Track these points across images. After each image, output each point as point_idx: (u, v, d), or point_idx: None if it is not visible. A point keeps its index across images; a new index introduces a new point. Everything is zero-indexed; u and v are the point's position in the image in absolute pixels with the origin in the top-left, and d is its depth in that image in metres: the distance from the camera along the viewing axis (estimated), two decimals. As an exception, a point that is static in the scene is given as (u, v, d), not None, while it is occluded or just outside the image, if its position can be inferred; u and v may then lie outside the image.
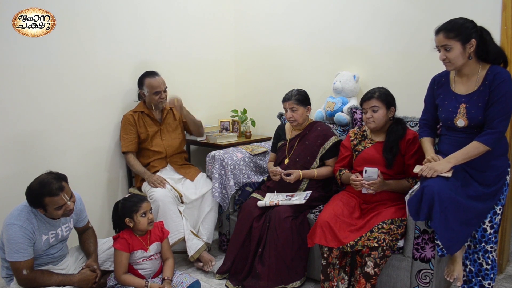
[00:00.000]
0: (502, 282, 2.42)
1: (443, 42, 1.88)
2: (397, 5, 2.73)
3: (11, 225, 1.92)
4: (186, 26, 3.33)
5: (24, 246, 1.92)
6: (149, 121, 2.86)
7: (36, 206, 1.95)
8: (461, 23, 1.85)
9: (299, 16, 3.24)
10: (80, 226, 2.26)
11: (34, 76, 2.51)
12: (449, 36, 1.85)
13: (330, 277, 2.14)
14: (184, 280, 2.21)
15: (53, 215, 1.98)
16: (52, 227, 2.05)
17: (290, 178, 2.47)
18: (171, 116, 2.97)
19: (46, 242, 2.03)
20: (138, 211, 2.13)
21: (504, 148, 1.95)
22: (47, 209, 1.95)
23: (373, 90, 2.28)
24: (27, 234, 1.93)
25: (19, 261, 1.92)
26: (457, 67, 1.92)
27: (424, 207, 1.80)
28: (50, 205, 1.93)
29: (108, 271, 2.26)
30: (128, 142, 2.80)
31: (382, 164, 2.25)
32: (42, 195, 1.91)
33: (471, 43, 1.84)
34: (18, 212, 1.96)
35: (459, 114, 1.93)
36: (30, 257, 1.95)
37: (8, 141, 2.44)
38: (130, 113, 2.84)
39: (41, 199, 1.91)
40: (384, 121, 2.26)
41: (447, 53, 1.88)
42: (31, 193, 1.94)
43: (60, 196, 1.93)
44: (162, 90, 2.82)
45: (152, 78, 2.81)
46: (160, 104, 2.84)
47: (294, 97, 2.54)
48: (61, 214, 1.98)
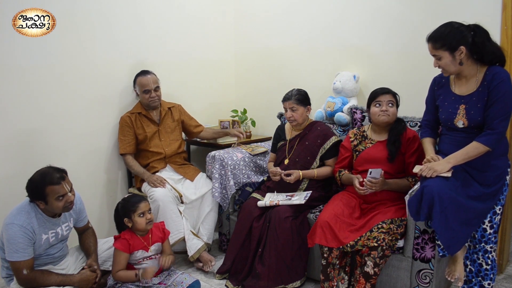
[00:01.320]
0: (502, 282, 2.42)
1: (432, 52, 1.90)
2: (397, 5, 2.73)
3: (11, 224, 1.92)
4: (186, 26, 3.33)
5: (24, 246, 1.92)
6: (146, 121, 2.85)
7: (36, 198, 1.94)
8: (446, 32, 1.84)
9: (299, 16, 3.24)
10: (80, 226, 2.26)
11: (34, 76, 2.51)
12: (436, 46, 1.86)
13: (330, 277, 2.14)
14: (184, 280, 2.21)
15: (53, 207, 1.96)
16: (52, 225, 2.05)
17: (290, 179, 2.47)
18: (170, 117, 2.96)
19: (46, 241, 2.03)
20: (136, 211, 2.13)
21: (504, 148, 1.95)
22: (48, 200, 1.94)
23: (387, 88, 2.30)
24: (27, 233, 1.92)
25: (19, 261, 1.92)
26: (451, 73, 1.93)
27: (424, 207, 1.80)
28: (51, 194, 1.92)
29: (108, 271, 2.26)
30: (125, 144, 2.80)
31: (384, 163, 2.25)
32: (44, 184, 1.91)
33: (460, 50, 1.83)
34: (18, 212, 1.96)
35: (458, 115, 1.93)
36: (30, 257, 1.94)
37: (8, 141, 2.44)
38: (127, 114, 2.84)
39: (43, 189, 1.91)
40: (395, 116, 2.30)
41: (438, 61, 1.90)
42: (32, 184, 1.94)
43: (61, 185, 1.94)
44: (152, 88, 2.78)
45: (142, 77, 2.80)
46: (152, 103, 2.81)
47: (294, 96, 2.54)
48: (62, 207, 1.97)
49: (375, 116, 2.29)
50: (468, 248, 2.04)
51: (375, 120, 2.31)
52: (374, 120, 2.32)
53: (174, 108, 3.00)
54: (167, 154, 2.87)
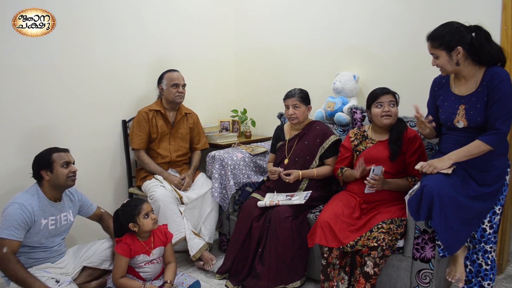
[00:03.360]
0: (502, 282, 2.42)
1: (430, 50, 1.91)
2: (397, 5, 2.73)
3: (12, 203, 1.99)
4: (186, 26, 3.33)
5: (17, 225, 1.94)
6: (161, 121, 2.84)
7: (43, 167, 2.07)
8: (445, 32, 1.85)
9: (299, 16, 3.24)
10: (90, 213, 2.34)
11: (34, 76, 2.51)
12: (434, 45, 1.88)
13: (330, 277, 2.14)
14: (185, 281, 2.22)
15: (58, 174, 2.07)
16: (53, 210, 2.09)
17: (290, 178, 2.47)
18: (184, 122, 2.94)
19: (45, 228, 2.05)
20: (140, 213, 2.13)
21: (504, 148, 1.94)
22: (53, 167, 2.06)
23: (386, 88, 2.31)
24: (25, 213, 1.97)
25: (5, 238, 1.93)
26: (449, 72, 1.94)
27: (424, 207, 1.80)
28: (57, 160, 2.08)
29: (108, 271, 2.26)
30: (140, 139, 2.78)
31: (384, 163, 2.25)
32: (51, 152, 2.11)
33: (457, 51, 1.83)
34: (22, 194, 2.05)
35: (458, 115, 1.94)
36: (17, 239, 1.95)
37: (7, 141, 2.44)
38: (145, 110, 2.82)
39: (49, 156, 2.09)
40: (397, 116, 2.31)
41: (436, 60, 1.91)
42: (39, 155, 2.11)
43: (66, 153, 2.15)
44: (181, 84, 2.83)
45: (172, 72, 2.86)
46: (177, 99, 2.82)
47: (297, 94, 2.56)
48: (66, 175, 2.08)
49: (377, 117, 2.29)
50: (468, 249, 2.04)
51: (378, 122, 2.30)
52: (377, 122, 2.31)
53: (191, 115, 2.99)
54: (173, 159, 2.86)
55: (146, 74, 3.04)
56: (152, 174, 2.78)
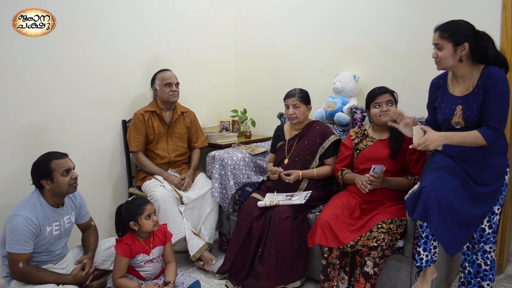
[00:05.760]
0: (502, 282, 2.42)
1: (436, 40, 1.89)
2: (397, 6, 2.73)
3: (16, 216, 1.95)
4: (186, 26, 3.33)
5: (26, 238, 1.93)
6: (157, 122, 2.84)
7: (42, 176, 2.00)
8: (458, 25, 1.86)
9: (299, 16, 3.24)
10: (82, 222, 2.29)
11: (33, 76, 2.51)
12: (443, 36, 1.87)
13: (330, 277, 2.14)
14: (185, 281, 2.22)
15: (59, 183, 2.01)
16: (56, 216, 2.07)
17: (290, 178, 2.47)
18: (181, 121, 2.93)
19: (50, 234, 2.04)
20: (143, 214, 2.12)
21: (503, 147, 1.94)
22: (54, 176, 1.99)
23: (384, 87, 2.31)
24: (31, 225, 1.94)
25: (17, 253, 1.93)
26: (445, 67, 1.93)
27: (420, 206, 1.80)
28: (57, 169, 2.00)
29: (108, 271, 2.26)
30: (137, 141, 2.79)
31: (385, 161, 2.25)
32: (49, 159, 2.02)
33: (463, 47, 1.84)
34: (23, 204, 2.00)
35: (455, 116, 1.94)
36: (28, 251, 1.96)
37: (9, 140, 2.44)
38: (141, 111, 2.82)
39: (48, 164, 2.00)
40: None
41: (438, 51, 1.89)
42: (37, 163, 2.03)
43: (65, 160, 2.05)
44: (174, 82, 2.82)
45: (164, 72, 2.85)
46: (172, 98, 2.81)
47: (297, 94, 2.57)
48: (68, 183, 2.03)
49: (376, 117, 2.30)
50: (467, 249, 2.04)
51: (377, 121, 2.32)
52: (376, 121, 2.33)
53: (187, 114, 2.98)
54: (172, 159, 2.86)
55: (146, 74, 3.04)
56: (152, 175, 2.79)
